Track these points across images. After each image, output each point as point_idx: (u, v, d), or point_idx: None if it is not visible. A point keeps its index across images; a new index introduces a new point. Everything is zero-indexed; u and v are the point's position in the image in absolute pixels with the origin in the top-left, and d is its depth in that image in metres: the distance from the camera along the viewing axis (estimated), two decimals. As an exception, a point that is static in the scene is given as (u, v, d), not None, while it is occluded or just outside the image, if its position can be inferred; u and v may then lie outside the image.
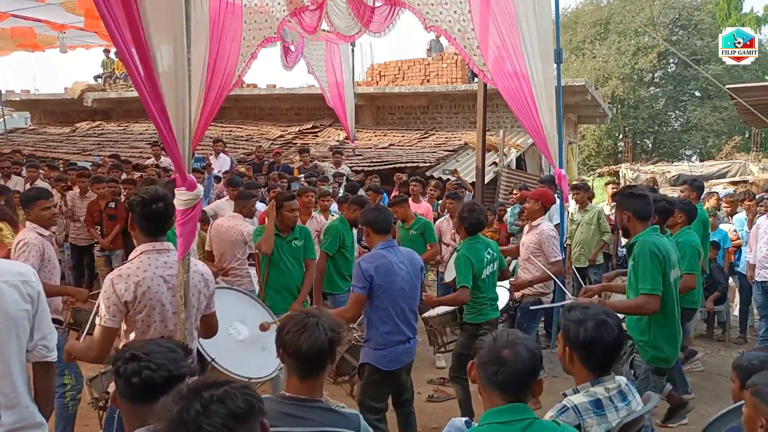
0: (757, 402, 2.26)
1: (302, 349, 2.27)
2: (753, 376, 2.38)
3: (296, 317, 2.35)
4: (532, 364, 2.17)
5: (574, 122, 19.50)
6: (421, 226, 7.09)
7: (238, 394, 1.51)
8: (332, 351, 2.33)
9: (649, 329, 3.97)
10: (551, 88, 6.27)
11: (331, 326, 2.31)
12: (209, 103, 5.00)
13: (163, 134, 3.19)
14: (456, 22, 6.78)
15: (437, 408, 5.52)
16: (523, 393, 2.18)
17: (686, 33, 31.47)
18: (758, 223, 7.64)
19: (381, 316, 4.05)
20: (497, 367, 2.15)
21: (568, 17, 32.72)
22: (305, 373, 2.33)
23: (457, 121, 16.29)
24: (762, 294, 7.46)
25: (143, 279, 3.07)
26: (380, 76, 17.05)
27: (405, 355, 4.18)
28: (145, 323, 3.10)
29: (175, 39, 3.16)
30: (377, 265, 4.02)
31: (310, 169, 10.89)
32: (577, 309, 2.64)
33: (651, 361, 3.99)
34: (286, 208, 5.32)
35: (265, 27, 6.22)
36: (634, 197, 4.06)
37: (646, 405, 2.81)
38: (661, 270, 3.83)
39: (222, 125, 16.69)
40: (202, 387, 1.52)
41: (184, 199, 3.20)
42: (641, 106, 31.16)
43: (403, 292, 4.10)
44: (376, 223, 4.18)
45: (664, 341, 3.98)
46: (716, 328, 8.36)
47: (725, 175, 19.32)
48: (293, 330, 2.30)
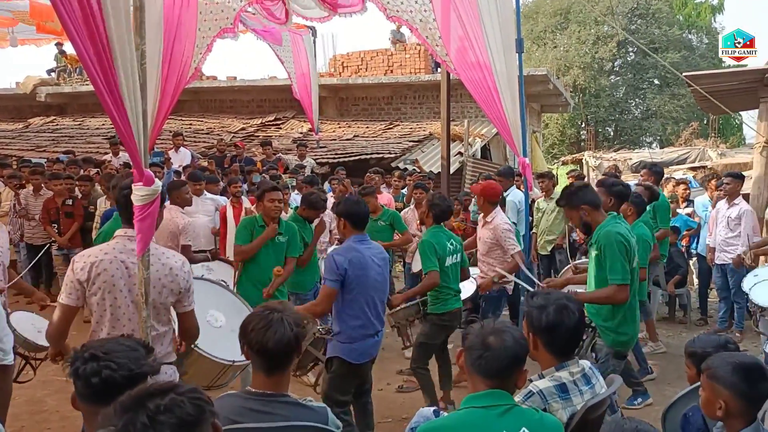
0: (714, 384, 2.32)
1: (268, 346, 2.25)
2: (708, 360, 2.44)
3: (260, 313, 2.31)
4: (515, 353, 2.21)
5: (538, 111, 19.68)
6: (389, 217, 7.09)
7: (186, 401, 1.43)
8: (298, 346, 2.31)
9: (612, 315, 4.03)
10: (514, 78, 6.28)
11: (296, 321, 2.29)
12: (167, 96, 4.90)
13: (119, 128, 3.10)
14: (417, 12, 6.74)
15: (407, 398, 5.53)
16: (507, 380, 2.22)
17: (644, 22, 31.97)
18: (718, 206, 7.82)
19: (353, 309, 4.03)
20: (481, 352, 2.20)
21: (529, 7, 32.99)
22: (271, 369, 2.31)
23: (422, 111, 16.30)
24: (721, 276, 7.64)
25: (101, 261, 3.03)
26: (343, 67, 16.97)
27: (373, 348, 4.18)
28: (101, 306, 3.05)
29: (130, 30, 3.08)
30: (351, 258, 3.99)
31: (273, 161, 10.78)
32: (539, 295, 2.70)
33: (612, 345, 4.06)
34: (267, 198, 5.28)
35: (221, 18, 6.11)
36: (579, 191, 4.10)
37: (610, 387, 2.86)
38: (626, 258, 3.90)
39: (182, 118, 16.43)
40: (146, 396, 1.43)
41: (142, 195, 3.11)
42: (602, 94, 31.61)
43: (376, 286, 4.09)
44: (354, 216, 4.14)
45: (625, 325, 4.06)
46: (678, 311, 8.54)
47: (685, 161, 19.71)
48: (258, 327, 2.27)
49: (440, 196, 5.17)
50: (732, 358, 2.41)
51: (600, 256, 3.96)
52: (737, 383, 2.27)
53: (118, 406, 1.42)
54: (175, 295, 3.25)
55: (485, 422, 2.15)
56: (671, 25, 31.57)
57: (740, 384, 2.27)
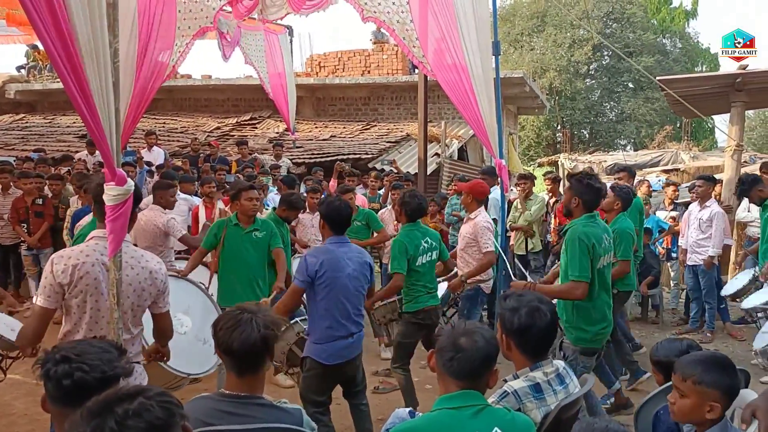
0: (702, 389, 2.27)
1: (234, 347, 2.23)
2: (683, 367, 2.37)
3: (231, 313, 2.29)
4: (487, 353, 2.22)
5: (514, 113, 19.81)
6: (364, 216, 7.09)
7: (155, 404, 1.41)
8: (266, 349, 2.28)
9: (572, 311, 4.14)
10: (490, 80, 6.30)
11: (266, 323, 2.26)
12: (140, 95, 4.83)
13: (90, 127, 3.05)
14: (395, 14, 6.75)
15: (382, 399, 5.52)
16: (478, 381, 2.23)
17: (619, 26, 32.34)
18: (690, 209, 7.94)
19: (322, 310, 4.03)
20: (453, 353, 2.20)
21: (506, 10, 33.17)
22: (242, 370, 2.29)
23: (399, 112, 16.32)
24: (693, 277, 7.76)
25: (83, 263, 3.00)
26: (320, 67, 16.91)
27: (347, 350, 4.13)
28: (81, 309, 3.02)
29: (101, 28, 3.03)
30: (323, 260, 4.00)
31: (248, 161, 10.70)
32: (512, 297, 2.71)
33: (576, 342, 4.15)
34: (244, 197, 5.30)
35: (201, 16, 6.05)
36: (590, 188, 4.17)
37: (583, 387, 2.89)
38: (589, 257, 3.99)
39: (155, 117, 16.24)
40: (114, 401, 1.40)
41: (114, 195, 3.07)
42: (578, 97, 31.90)
43: (347, 289, 4.07)
44: (334, 219, 4.15)
45: (586, 323, 4.14)
46: (650, 311, 8.64)
47: (658, 163, 19.96)
48: (226, 327, 2.25)
49: (411, 193, 5.15)
50: (710, 357, 2.39)
51: (566, 251, 4.09)
52: (720, 380, 2.26)
53: (85, 411, 1.40)
54: (153, 298, 3.25)
55: (458, 423, 2.16)
56: (646, 30, 31.98)
57: (726, 380, 2.26)
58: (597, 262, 4.06)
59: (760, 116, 32.42)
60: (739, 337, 7.37)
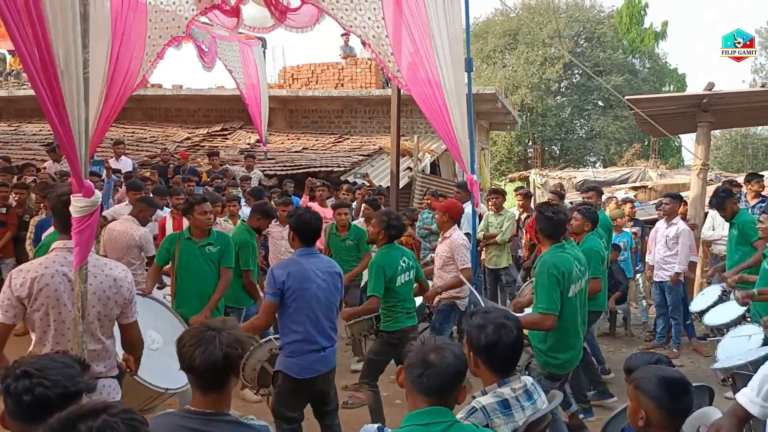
0: (638, 395, 2.39)
1: (195, 364, 2.19)
2: (636, 371, 2.52)
3: (196, 330, 2.25)
4: (456, 369, 2.22)
5: (486, 129, 19.98)
6: (356, 235, 7.03)
7: (119, 422, 1.39)
8: (230, 367, 2.24)
9: (545, 338, 4.17)
10: (463, 96, 6.36)
11: (229, 342, 2.21)
12: (110, 105, 4.77)
13: (60, 137, 3.01)
14: (370, 28, 6.78)
15: (351, 415, 5.48)
16: (447, 397, 2.23)
17: (590, 45, 32.93)
18: (657, 226, 8.07)
19: (293, 324, 3.99)
20: (422, 370, 2.19)
21: (479, 26, 33.56)
22: (206, 388, 2.25)
23: (372, 125, 16.34)
24: (659, 293, 7.88)
25: (42, 275, 2.95)
26: (293, 79, 16.85)
27: (319, 364, 4.09)
28: (44, 322, 2.97)
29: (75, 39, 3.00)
30: (290, 272, 3.97)
31: (219, 172, 10.60)
32: (478, 314, 2.73)
33: (544, 367, 4.19)
34: (197, 211, 5.20)
35: (173, 26, 5.99)
36: (544, 217, 4.25)
37: (551, 403, 2.91)
38: (559, 289, 4.04)
39: (124, 126, 15.98)
40: (77, 418, 1.38)
41: (81, 206, 3.02)
42: (549, 114, 32.33)
43: (317, 300, 4.03)
44: (303, 231, 4.12)
45: (559, 350, 4.18)
46: (619, 327, 8.74)
47: (627, 180, 20.30)
48: (189, 344, 2.21)
49: (396, 217, 5.15)
50: (658, 371, 2.47)
51: (536, 284, 4.14)
52: (660, 395, 2.33)
53: (47, 429, 1.37)
54: (120, 307, 3.19)
55: None
56: (616, 49, 32.61)
57: (663, 396, 2.33)
58: (567, 292, 4.10)
59: (725, 136, 33.17)
60: (704, 353, 7.48)
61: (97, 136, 4.78)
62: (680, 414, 2.35)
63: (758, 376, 2.40)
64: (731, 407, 2.51)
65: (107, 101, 4.74)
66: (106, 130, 5.12)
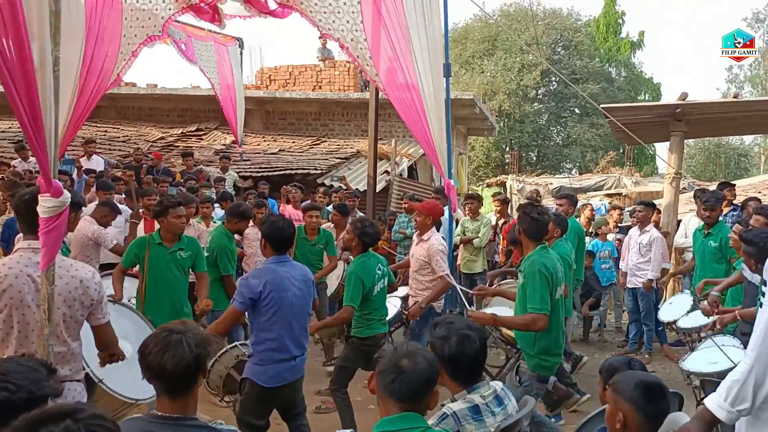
0: (616, 397, 2.42)
1: (167, 369, 2.15)
2: (615, 375, 2.57)
3: (158, 335, 2.21)
4: (429, 375, 2.23)
5: (464, 134, 20.07)
6: (325, 238, 6.99)
7: (82, 428, 1.36)
8: (200, 367, 2.22)
9: (535, 341, 4.15)
10: (441, 101, 6.37)
11: (197, 342, 2.19)
12: (82, 103, 4.69)
13: (30, 136, 2.94)
14: (349, 32, 6.77)
15: (324, 420, 5.44)
16: (419, 403, 2.23)
17: (567, 53, 33.27)
18: (630, 233, 8.16)
19: (269, 332, 3.96)
20: (395, 376, 2.20)
21: (458, 32, 33.71)
22: (174, 392, 2.21)
23: (350, 128, 16.31)
24: (632, 299, 7.96)
25: (5, 276, 2.90)
26: (270, 80, 16.73)
27: (289, 373, 4.07)
28: (8, 324, 2.92)
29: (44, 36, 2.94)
30: (267, 281, 3.93)
31: (193, 173, 10.47)
32: (442, 325, 2.75)
33: (535, 369, 4.17)
34: (171, 215, 5.11)
35: (149, 25, 5.91)
36: (529, 218, 4.22)
37: (523, 409, 2.92)
38: (549, 289, 4.03)
39: (96, 125, 15.72)
40: (41, 421, 1.35)
41: (49, 206, 2.95)
42: (526, 120, 32.59)
43: (293, 309, 4.01)
44: (275, 239, 4.08)
45: (547, 353, 4.16)
46: (593, 332, 8.82)
47: (602, 187, 20.53)
48: (155, 350, 2.17)
49: (370, 224, 5.11)
50: (636, 375, 2.54)
51: (525, 284, 4.10)
52: (637, 398, 2.38)
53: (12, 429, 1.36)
54: (87, 308, 3.13)
55: None
56: (592, 58, 32.99)
57: (640, 399, 2.37)
58: (555, 293, 4.11)
59: (699, 145, 33.72)
60: (675, 359, 7.55)
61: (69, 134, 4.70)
62: (657, 417, 2.40)
63: (726, 381, 2.43)
64: (699, 411, 2.54)
65: (80, 99, 4.66)
66: (79, 128, 5.03)
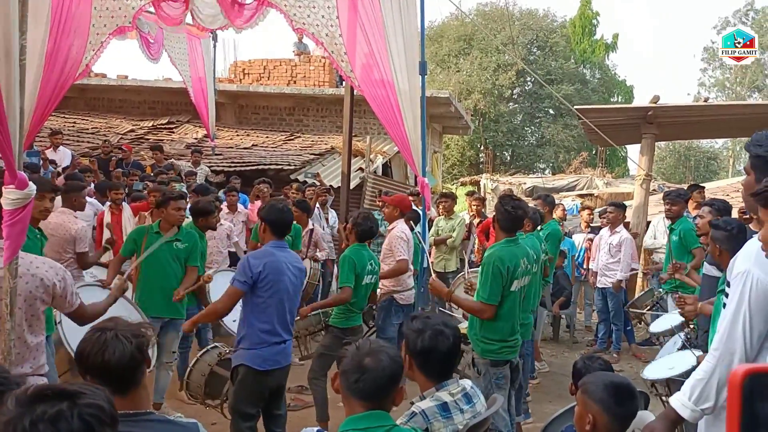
0: (585, 399, 2.46)
1: (111, 366, 2.10)
2: (584, 377, 2.61)
3: (91, 338, 2.15)
4: (393, 372, 2.22)
5: (439, 132, 20.12)
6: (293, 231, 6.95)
7: (75, 414, 1.35)
8: (144, 357, 2.19)
9: (480, 325, 4.22)
10: (416, 99, 6.37)
11: (132, 333, 2.16)
12: (49, 93, 4.58)
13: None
14: (324, 27, 6.72)
15: (294, 417, 5.39)
16: (384, 400, 2.23)
17: (542, 54, 33.53)
18: (601, 234, 8.26)
19: (263, 314, 4.00)
20: (359, 375, 2.19)
21: (434, 30, 33.78)
22: (125, 388, 2.14)
23: (324, 124, 16.22)
24: (602, 299, 8.06)
25: None
26: (244, 74, 16.51)
27: (281, 356, 4.13)
28: None
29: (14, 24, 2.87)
30: (266, 262, 3.99)
31: (165, 167, 10.30)
32: (418, 319, 2.77)
33: (483, 354, 4.21)
34: (172, 206, 5.22)
35: (119, 15, 5.80)
36: (504, 210, 4.27)
37: (491, 408, 2.94)
38: (501, 282, 4.11)
39: (65, 116, 15.39)
40: (41, 397, 1.36)
41: (13, 198, 2.90)
42: (501, 120, 32.78)
43: (288, 293, 4.09)
44: (276, 223, 4.14)
45: (492, 334, 4.18)
46: (564, 331, 8.91)
47: (574, 188, 20.77)
48: (94, 351, 2.11)
49: (365, 216, 5.24)
50: (605, 376, 2.57)
51: (480, 273, 4.22)
52: (606, 399, 2.41)
53: (14, 398, 1.37)
54: (47, 304, 3.09)
55: None
56: (567, 59, 33.29)
57: (609, 401, 2.41)
58: (510, 286, 4.16)
59: (669, 147, 34.25)
60: (643, 359, 7.68)
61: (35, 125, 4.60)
62: (626, 418, 2.44)
63: (690, 380, 2.46)
64: (664, 410, 2.58)
65: (44, 89, 4.56)
66: (45, 119, 4.93)
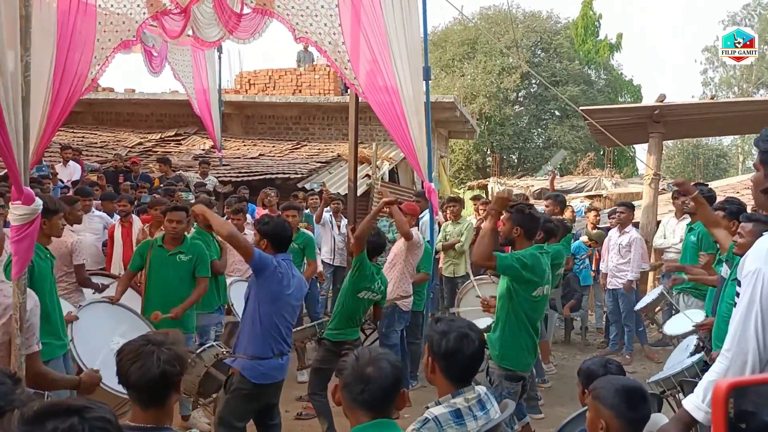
0: (597, 404, 2.42)
1: (131, 380, 2.12)
2: (595, 381, 2.56)
3: (135, 343, 2.17)
4: (395, 378, 2.19)
5: (445, 137, 20.11)
6: (303, 240, 6.93)
7: (86, 428, 1.36)
8: (168, 385, 2.16)
9: (502, 336, 4.17)
10: (421, 104, 6.37)
11: (169, 358, 2.14)
12: (57, 109, 4.62)
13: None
14: (327, 35, 6.74)
15: (305, 426, 5.41)
16: (388, 408, 2.20)
17: (547, 56, 33.44)
18: (610, 234, 8.21)
19: (265, 325, 4.00)
20: (363, 386, 2.15)
21: (438, 35, 33.78)
22: (145, 403, 2.17)
23: (330, 132, 16.26)
24: (613, 301, 8.00)
25: None
26: (249, 84, 16.61)
27: (278, 372, 4.11)
28: None
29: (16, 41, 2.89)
30: (279, 260, 4.05)
31: (173, 179, 10.35)
32: (443, 321, 2.72)
33: (498, 361, 4.18)
34: (167, 218, 5.25)
35: (123, 29, 5.85)
36: (531, 217, 4.27)
37: (504, 412, 2.91)
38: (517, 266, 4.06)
39: (74, 131, 15.55)
40: (49, 414, 1.36)
41: (20, 214, 2.91)
42: (507, 123, 32.69)
43: (288, 306, 4.10)
44: (277, 238, 4.15)
45: (513, 350, 4.16)
46: (576, 333, 8.85)
47: (582, 189, 20.67)
48: (126, 358, 2.13)
49: (377, 232, 5.25)
50: (616, 381, 2.53)
51: None
52: (618, 405, 2.38)
53: (21, 416, 1.38)
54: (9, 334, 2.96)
55: None
56: (572, 60, 33.19)
57: (621, 405, 2.38)
58: (533, 290, 4.14)
59: (677, 146, 34.08)
60: (656, 360, 7.62)
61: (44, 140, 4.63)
62: (638, 422, 2.40)
63: (703, 382, 2.42)
64: (678, 413, 2.54)
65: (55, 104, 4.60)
66: (54, 134, 4.96)
